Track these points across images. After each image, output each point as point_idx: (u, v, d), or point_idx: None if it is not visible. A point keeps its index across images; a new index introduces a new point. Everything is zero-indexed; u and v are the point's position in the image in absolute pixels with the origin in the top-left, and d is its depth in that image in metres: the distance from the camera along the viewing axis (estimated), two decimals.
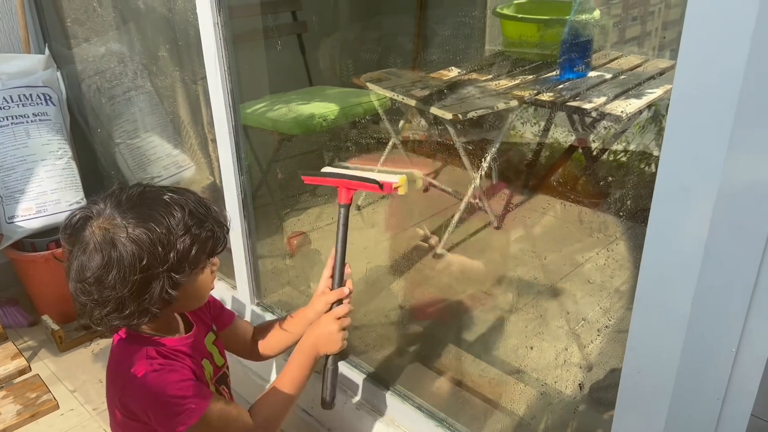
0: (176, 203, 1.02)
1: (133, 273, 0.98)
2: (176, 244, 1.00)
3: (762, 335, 0.78)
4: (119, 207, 1.01)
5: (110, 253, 0.99)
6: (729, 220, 0.75)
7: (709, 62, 0.70)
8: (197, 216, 1.03)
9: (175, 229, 1.00)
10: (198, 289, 1.10)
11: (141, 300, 1.01)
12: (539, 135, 2.00)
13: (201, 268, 1.07)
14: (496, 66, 2.02)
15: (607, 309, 1.50)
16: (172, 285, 1.01)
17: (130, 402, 1.08)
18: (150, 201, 1.02)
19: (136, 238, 0.98)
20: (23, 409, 1.76)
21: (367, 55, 2.51)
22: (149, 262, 0.99)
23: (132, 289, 0.99)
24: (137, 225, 0.99)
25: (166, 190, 1.06)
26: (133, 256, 0.98)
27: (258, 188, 2.23)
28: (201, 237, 1.03)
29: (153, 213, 1.00)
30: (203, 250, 1.04)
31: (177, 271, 1.01)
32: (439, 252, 2.00)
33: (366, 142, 2.31)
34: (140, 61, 2.19)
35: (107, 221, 1.00)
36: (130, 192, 1.04)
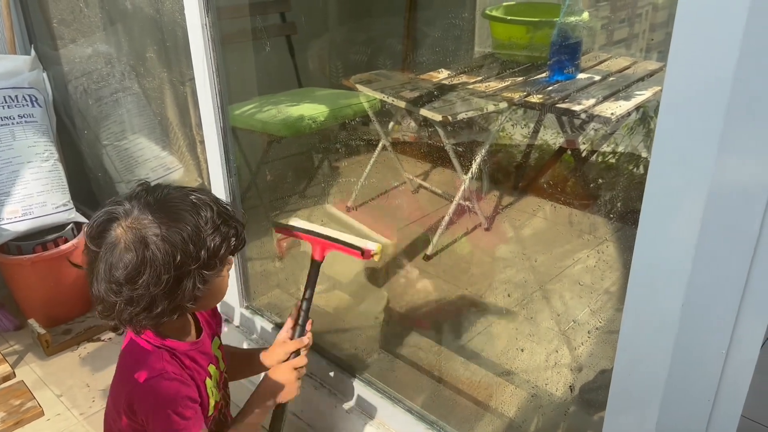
0: (203, 203, 1.05)
1: (167, 271, 1.00)
2: (206, 242, 1.03)
3: (752, 336, 0.78)
4: (148, 207, 1.02)
5: (143, 252, 0.99)
6: (719, 222, 0.75)
7: (699, 64, 0.70)
8: (223, 215, 1.07)
9: (205, 227, 1.03)
10: (220, 287, 1.14)
11: (173, 298, 1.03)
12: (529, 137, 2.00)
13: (226, 264, 1.11)
14: (486, 68, 2.02)
15: (596, 310, 1.51)
16: (202, 281, 1.04)
17: (136, 403, 1.08)
18: (177, 201, 1.04)
19: (169, 237, 1.00)
20: (7, 416, 1.74)
21: (357, 57, 2.51)
22: (182, 260, 1.00)
23: (165, 288, 1.00)
24: (169, 225, 1.01)
25: (189, 190, 1.08)
26: (167, 255, 1.00)
27: (247, 190, 2.22)
28: (228, 234, 1.06)
29: (182, 212, 1.03)
30: (229, 246, 1.07)
31: (208, 267, 1.04)
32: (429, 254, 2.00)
33: (356, 144, 2.30)
34: (128, 62, 2.17)
35: (137, 221, 1.01)
36: (156, 193, 1.05)
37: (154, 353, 1.10)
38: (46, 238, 1.99)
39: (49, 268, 2.01)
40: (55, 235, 2.01)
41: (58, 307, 2.10)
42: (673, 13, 0.72)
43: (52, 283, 2.05)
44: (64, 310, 2.12)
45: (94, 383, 1.88)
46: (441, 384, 1.62)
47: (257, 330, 1.74)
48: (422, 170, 2.33)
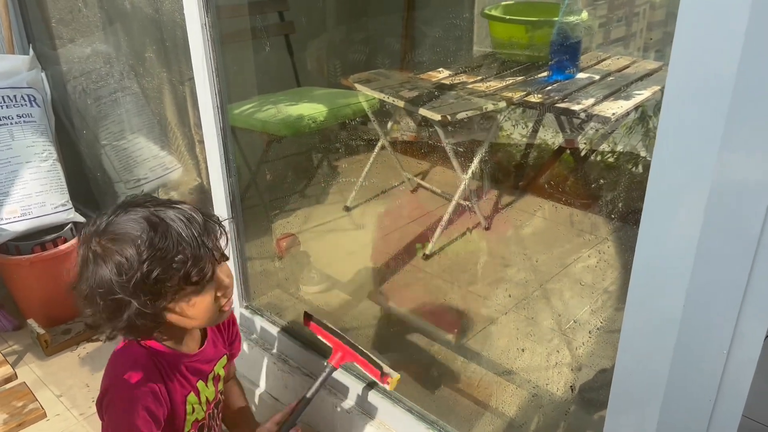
0: (157, 226, 1.00)
1: (101, 296, 1.01)
2: (139, 273, 0.98)
3: (754, 336, 0.78)
4: (101, 227, 1.03)
5: (83, 270, 1.03)
6: (721, 221, 0.75)
7: (701, 62, 0.70)
8: (165, 242, 1.00)
9: (141, 255, 0.98)
10: (195, 311, 1.07)
11: (116, 319, 1.02)
12: (528, 136, 2.00)
13: (175, 296, 1.03)
14: (485, 67, 2.02)
15: (597, 310, 1.51)
16: (139, 313, 1.01)
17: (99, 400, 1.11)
18: (127, 223, 1.02)
19: (103, 263, 1.00)
20: (9, 418, 1.73)
21: (356, 56, 2.51)
22: (109, 288, 1.00)
23: (106, 309, 1.02)
24: (106, 249, 1.01)
25: (159, 207, 1.04)
26: (98, 279, 1.00)
27: (246, 190, 2.22)
28: (167, 265, 0.99)
29: (122, 239, 1.00)
30: (170, 279, 1.00)
31: (147, 296, 1.00)
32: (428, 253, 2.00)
33: (355, 143, 2.30)
34: (127, 62, 2.16)
35: (89, 239, 1.03)
36: (119, 211, 1.04)
37: (132, 355, 1.11)
38: (45, 238, 1.99)
39: (48, 268, 2.01)
40: (54, 236, 2.01)
41: (57, 307, 2.10)
42: (671, 11, 0.72)
43: (51, 283, 2.04)
44: (63, 310, 2.12)
45: (94, 383, 1.88)
46: (441, 383, 1.62)
47: (257, 330, 1.74)
48: (421, 170, 2.32)
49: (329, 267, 2.06)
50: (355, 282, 2.03)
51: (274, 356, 1.66)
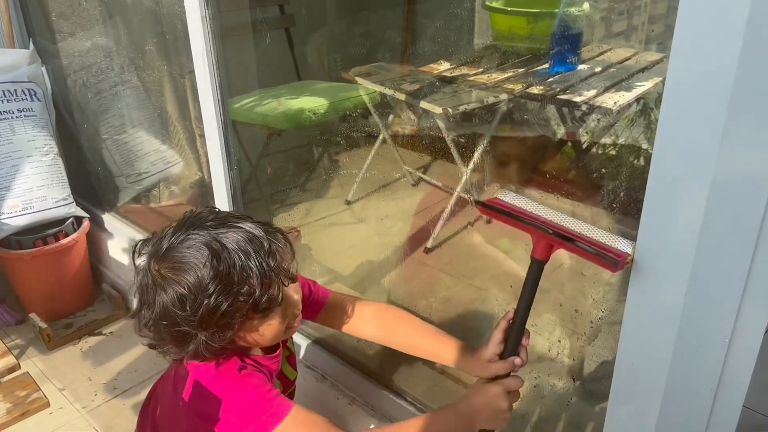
0: (221, 253, 0.94)
1: (165, 327, 0.97)
2: (204, 304, 0.93)
3: (755, 326, 0.78)
4: (161, 252, 0.98)
5: (145, 297, 0.98)
6: (722, 211, 0.75)
7: (702, 53, 0.70)
8: (230, 273, 0.94)
9: (208, 286, 0.93)
10: (261, 337, 1.03)
11: (182, 350, 0.98)
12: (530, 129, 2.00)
13: (243, 324, 0.99)
14: (486, 59, 2.01)
15: (599, 301, 1.51)
16: (207, 346, 0.97)
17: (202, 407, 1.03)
18: (189, 250, 0.96)
19: (165, 293, 0.96)
20: (13, 407, 1.74)
21: (356, 49, 2.50)
22: (173, 320, 0.95)
23: (173, 337, 0.97)
24: (168, 280, 0.96)
25: (226, 229, 0.97)
26: (162, 309, 0.96)
27: (247, 183, 2.22)
28: (234, 297, 0.94)
29: (185, 269, 0.95)
30: (238, 310, 0.95)
31: (212, 329, 0.96)
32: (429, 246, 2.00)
33: (356, 137, 2.30)
34: (127, 55, 2.16)
35: (150, 263, 0.99)
36: (180, 233, 0.98)
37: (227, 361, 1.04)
38: (47, 233, 1.99)
39: (50, 262, 2.02)
40: (56, 230, 2.01)
41: (59, 302, 2.11)
42: (672, 4, 0.71)
43: (52, 278, 2.05)
44: (65, 304, 2.13)
45: (96, 377, 1.89)
46: (443, 375, 1.62)
47: None
48: (422, 163, 2.32)
49: (330, 260, 2.06)
50: (357, 275, 2.03)
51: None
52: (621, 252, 0.87)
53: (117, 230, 2.22)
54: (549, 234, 0.94)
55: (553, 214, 0.99)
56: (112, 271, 2.24)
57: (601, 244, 0.90)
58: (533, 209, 1.00)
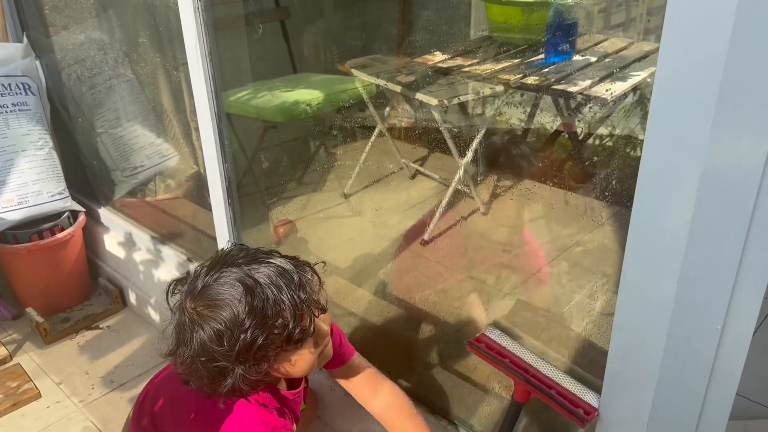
0: (255, 289, 0.98)
1: (203, 363, 0.99)
2: (241, 338, 0.96)
3: (747, 313, 0.78)
4: (196, 292, 1.01)
5: (183, 335, 1.01)
6: (713, 200, 0.75)
7: (692, 43, 0.70)
8: (264, 307, 0.98)
9: (243, 321, 0.96)
10: (294, 367, 1.07)
11: (219, 385, 1.01)
12: (525, 120, 1.99)
13: (278, 356, 1.02)
14: (482, 50, 2.00)
15: (595, 292, 1.51)
16: (244, 379, 1.00)
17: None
18: (223, 287, 0.99)
19: (202, 331, 0.98)
20: (4, 398, 1.74)
21: (352, 41, 2.49)
22: (212, 356, 0.98)
23: (209, 373, 1.00)
24: (204, 317, 0.98)
25: (258, 265, 1.01)
26: (199, 346, 0.98)
27: (243, 176, 2.21)
28: (269, 331, 0.98)
29: (220, 305, 0.98)
30: (273, 343, 0.99)
31: (246, 366, 0.99)
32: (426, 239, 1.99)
33: (352, 129, 2.29)
34: (121, 48, 2.15)
35: (186, 302, 1.01)
36: (213, 271, 1.01)
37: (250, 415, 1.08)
38: (42, 227, 1.99)
39: (46, 256, 2.01)
40: (51, 224, 2.01)
41: (55, 296, 2.10)
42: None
43: (49, 272, 2.05)
44: (61, 299, 2.12)
45: (93, 371, 1.89)
46: (439, 367, 1.62)
47: None
48: (419, 155, 2.32)
49: (327, 253, 2.06)
50: (354, 268, 2.03)
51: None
52: (589, 408, 1.01)
53: (113, 224, 2.22)
54: (528, 383, 1.09)
55: (532, 357, 1.12)
56: (108, 265, 2.24)
57: (573, 396, 1.04)
58: (516, 351, 1.14)
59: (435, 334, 1.75)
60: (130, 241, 2.15)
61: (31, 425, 1.70)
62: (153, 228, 2.11)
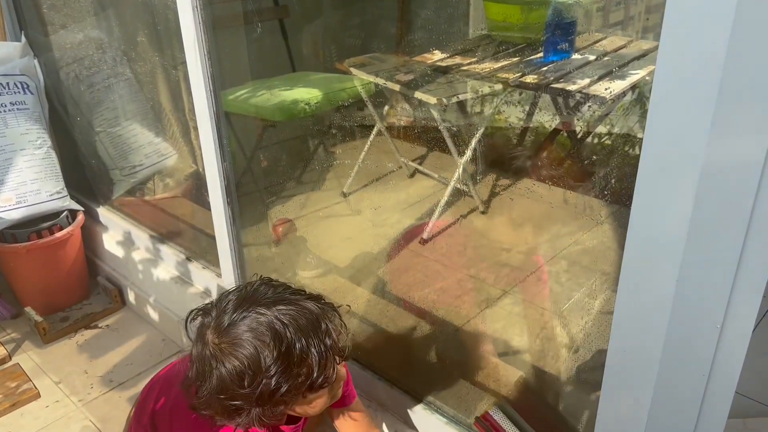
0: (282, 335, 0.97)
1: (220, 400, 0.98)
2: (263, 384, 0.96)
3: (746, 311, 0.78)
4: (220, 328, 1.00)
5: (202, 369, 1.00)
6: (713, 198, 0.75)
7: (692, 41, 0.70)
8: (291, 356, 0.97)
9: (267, 367, 0.96)
10: (310, 409, 1.07)
11: (233, 421, 1.01)
12: (524, 118, 1.99)
13: (295, 401, 1.03)
14: (481, 49, 2.00)
15: (594, 291, 1.51)
16: (260, 420, 1.00)
17: None
18: (249, 329, 0.98)
19: (223, 370, 0.98)
20: (3, 398, 1.74)
21: (351, 40, 2.49)
22: (231, 395, 0.98)
23: (222, 411, 1.00)
24: (226, 356, 0.98)
25: (270, 306, 1.00)
26: (218, 383, 0.98)
27: (242, 175, 2.21)
28: (293, 378, 0.98)
29: (245, 345, 0.97)
30: (295, 388, 0.99)
31: (264, 409, 0.99)
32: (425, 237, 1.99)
33: (350, 128, 2.29)
34: (119, 47, 2.15)
35: (208, 336, 1.01)
36: (241, 309, 1.00)
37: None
38: (41, 226, 1.99)
39: (45, 255, 2.01)
40: (50, 223, 2.01)
41: (54, 295, 2.10)
42: None
43: (48, 271, 2.05)
44: (60, 298, 2.12)
45: (92, 370, 1.89)
46: (438, 365, 1.62)
47: None
48: (418, 154, 2.32)
49: (326, 252, 2.06)
50: (352, 267, 2.03)
51: None
52: None
53: (112, 223, 2.22)
54: None
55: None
56: (107, 264, 2.24)
57: None
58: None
59: (433, 332, 1.75)
60: (129, 240, 2.15)
61: (30, 424, 1.70)
62: (152, 227, 2.11)
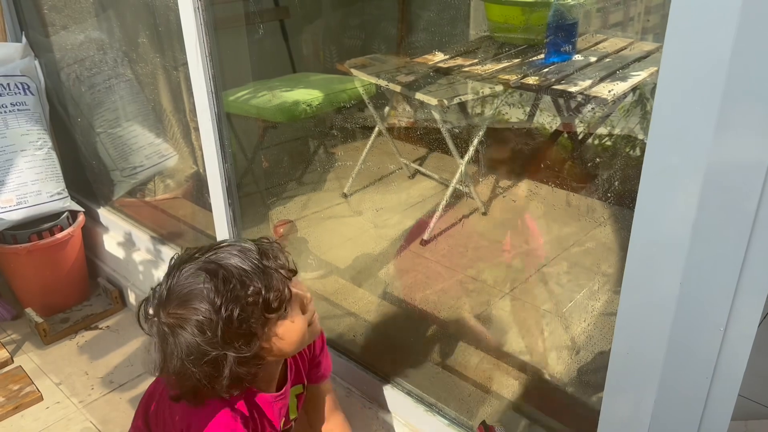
0: (206, 278, 0.97)
1: (192, 362, 0.97)
2: (221, 323, 0.95)
3: (750, 314, 0.78)
4: (164, 297, 1.00)
5: (166, 344, 0.99)
6: (717, 200, 0.75)
7: (696, 42, 0.70)
8: (231, 282, 0.97)
9: (212, 307, 0.96)
10: (284, 341, 1.04)
11: (218, 381, 0.99)
12: (526, 120, 1.99)
13: (264, 329, 1.01)
14: (482, 50, 2.01)
15: (595, 292, 1.51)
16: (239, 361, 0.98)
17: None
18: (187, 284, 0.99)
19: (182, 331, 0.97)
20: (6, 401, 1.74)
21: (351, 41, 2.49)
22: (203, 349, 0.96)
23: (203, 376, 0.98)
24: (179, 317, 0.98)
25: (198, 257, 1.01)
26: (187, 346, 0.97)
27: (243, 176, 2.21)
28: (243, 302, 0.97)
29: (190, 299, 0.97)
30: (252, 314, 0.98)
31: (238, 343, 0.97)
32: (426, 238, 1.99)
33: (351, 129, 2.29)
34: (120, 48, 2.15)
35: (158, 313, 1.01)
36: (170, 274, 1.02)
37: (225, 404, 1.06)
38: (42, 227, 1.99)
39: (45, 256, 2.01)
40: (51, 224, 2.00)
41: (55, 296, 2.10)
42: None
43: (48, 272, 2.04)
44: (61, 299, 2.12)
45: (93, 371, 1.88)
46: (439, 366, 1.62)
47: None
48: (418, 155, 2.32)
49: (327, 253, 2.06)
50: (353, 268, 2.03)
51: None
52: None
53: (112, 224, 2.22)
54: None
55: None
56: (107, 265, 2.24)
57: None
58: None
59: (434, 333, 1.75)
60: (129, 242, 2.15)
61: (30, 426, 1.70)
62: (152, 228, 2.11)
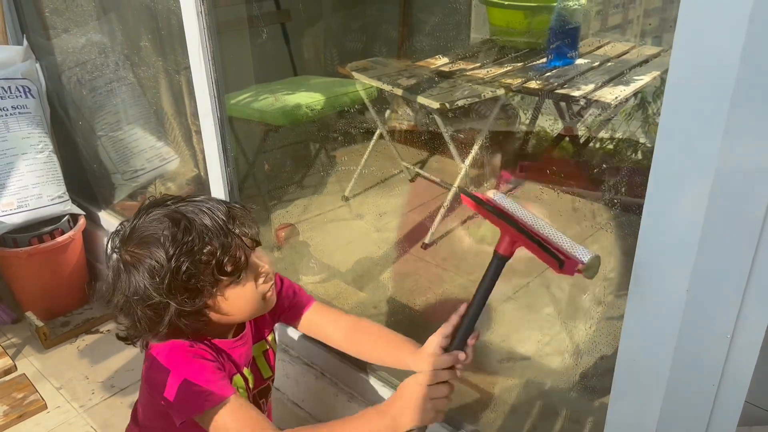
0: (168, 226, 0.97)
1: (137, 302, 0.98)
2: (167, 272, 0.95)
3: (757, 321, 0.78)
4: (125, 235, 1.01)
5: (117, 279, 1.00)
6: (725, 206, 0.74)
7: (705, 47, 0.69)
8: (190, 235, 0.96)
9: (165, 254, 0.95)
10: (234, 306, 1.03)
11: (157, 328, 0.99)
12: (527, 123, 1.99)
13: (213, 290, 1.00)
14: (483, 54, 2.01)
15: (598, 296, 1.51)
16: (179, 313, 0.98)
17: (152, 375, 1.05)
18: (150, 228, 0.99)
19: (133, 269, 0.98)
20: (10, 409, 1.73)
21: (352, 44, 2.49)
22: (146, 293, 0.97)
23: (146, 314, 0.98)
24: (135, 255, 0.98)
25: (170, 205, 1.01)
26: (132, 285, 0.98)
27: (245, 180, 2.21)
28: (195, 258, 0.96)
29: (148, 243, 0.97)
30: (203, 272, 0.97)
31: (179, 299, 0.97)
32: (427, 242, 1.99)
33: (353, 133, 2.29)
34: (122, 51, 2.14)
35: (118, 248, 1.01)
36: (138, 214, 1.02)
37: (178, 343, 1.04)
38: (42, 230, 1.98)
39: (46, 260, 2.00)
40: (51, 227, 2.00)
41: (55, 300, 2.09)
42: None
43: (48, 276, 2.04)
44: (61, 303, 2.11)
45: (94, 375, 1.88)
46: None
47: None
48: (420, 158, 2.32)
49: (329, 257, 2.06)
50: (355, 271, 2.03)
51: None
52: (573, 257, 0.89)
53: (113, 227, 2.21)
54: (513, 228, 0.93)
55: (531, 217, 0.97)
56: None
57: (559, 247, 0.91)
58: (514, 210, 0.99)
59: None
60: None
61: (31, 431, 1.69)
62: None
